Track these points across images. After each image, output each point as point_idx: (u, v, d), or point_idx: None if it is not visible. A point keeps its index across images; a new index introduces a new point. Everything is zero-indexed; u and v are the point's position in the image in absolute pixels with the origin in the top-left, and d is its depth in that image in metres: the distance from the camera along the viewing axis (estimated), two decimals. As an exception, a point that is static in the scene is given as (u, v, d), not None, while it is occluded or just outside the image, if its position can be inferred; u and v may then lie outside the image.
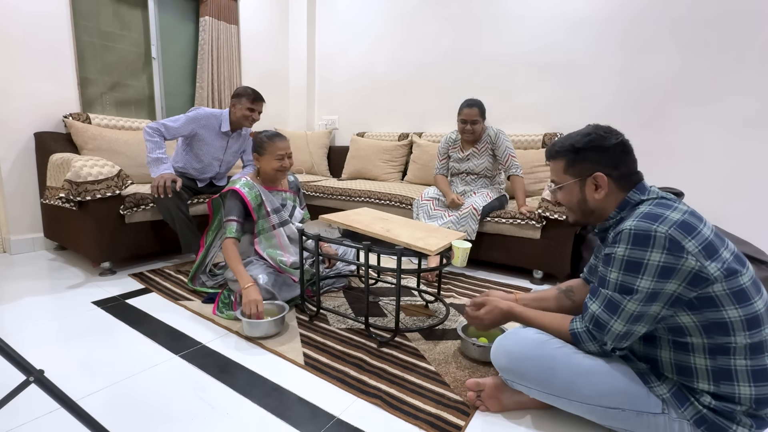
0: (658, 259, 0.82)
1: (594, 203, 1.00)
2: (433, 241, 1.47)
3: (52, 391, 0.72)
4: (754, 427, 0.84)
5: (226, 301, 1.71)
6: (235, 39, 3.51)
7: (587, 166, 0.98)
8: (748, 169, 2.27)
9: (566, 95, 2.78)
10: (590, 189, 0.99)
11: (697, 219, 0.86)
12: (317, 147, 3.73)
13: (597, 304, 0.91)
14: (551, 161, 1.06)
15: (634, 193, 0.96)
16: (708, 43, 2.30)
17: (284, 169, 1.77)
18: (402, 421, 1.06)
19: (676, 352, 0.90)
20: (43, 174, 2.33)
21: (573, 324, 0.97)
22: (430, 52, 3.34)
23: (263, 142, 1.74)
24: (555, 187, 1.07)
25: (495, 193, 2.37)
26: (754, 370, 0.82)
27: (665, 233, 0.82)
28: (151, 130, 2.08)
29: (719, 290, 0.81)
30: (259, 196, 1.74)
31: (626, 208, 0.96)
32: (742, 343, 0.82)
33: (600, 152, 0.96)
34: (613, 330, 0.89)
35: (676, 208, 0.87)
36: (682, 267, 0.81)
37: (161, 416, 1.06)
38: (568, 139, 1.01)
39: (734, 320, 0.81)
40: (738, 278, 0.82)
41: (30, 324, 1.53)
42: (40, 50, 2.42)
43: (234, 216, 1.70)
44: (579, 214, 1.05)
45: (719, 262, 0.81)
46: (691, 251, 0.81)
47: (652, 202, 0.92)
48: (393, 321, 1.62)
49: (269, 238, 1.77)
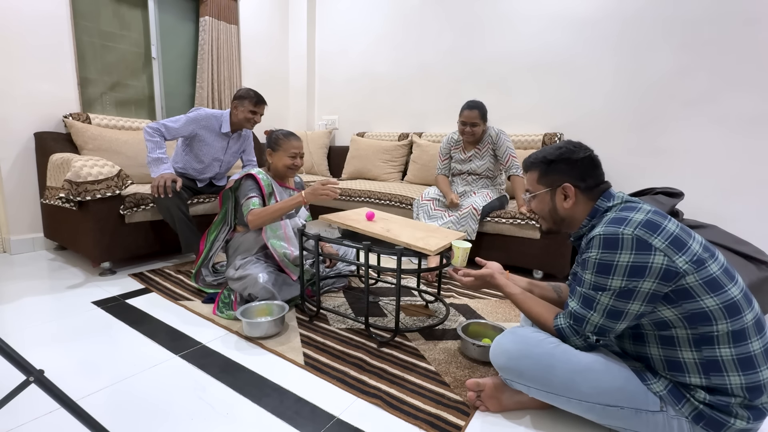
0: (627, 260, 0.87)
1: (563, 212, 1.07)
2: (433, 241, 1.47)
3: (52, 391, 0.72)
4: (752, 419, 0.85)
5: (226, 301, 1.71)
6: (235, 39, 3.51)
7: (557, 177, 1.06)
8: (747, 169, 2.27)
9: (566, 95, 2.78)
10: (560, 198, 1.07)
11: (660, 216, 0.92)
12: (317, 147, 3.73)
13: (575, 302, 0.98)
14: (527, 172, 1.14)
15: (602, 201, 1.03)
16: (707, 43, 2.30)
17: (295, 168, 1.81)
18: (402, 421, 1.06)
19: (663, 348, 0.92)
20: (43, 174, 2.33)
21: (557, 320, 1.02)
22: (430, 51, 3.34)
23: (279, 138, 1.78)
24: (529, 196, 1.14)
25: (495, 193, 2.37)
26: (740, 358, 0.85)
27: (632, 234, 0.88)
28: (151, 130, 2.08)
29: (692, 281, 0.85)
30: (271, 185, 1.79)
31: (596, 216, 1.03)
32: (724, 331, 0.85)
33: (569, 164, 1.04)
34: (591, 322, 0.94)
35: (640, 209, 0.93)
36: (652, 264, 0.85)
37: (161, 416, 1.06)
38: (542, 152, 1.10)
39: (713, 309, 0.85)
40: (707, 268, 0.86)
41: (30, 324, 1.53)
42: (40, 50, 2.42)
43: (254, 193, 1.74)
44: (551, 222, 1.12)
45: (689, 254, 0.86)
46: (658, 247, 0.86)
47: (617, 207, 0.99)
48: (393, 321, 1.62)
49: (275, 228, 1.78)
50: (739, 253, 1.70)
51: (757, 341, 0.85)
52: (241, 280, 1.65)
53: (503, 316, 1.74)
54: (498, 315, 1.75)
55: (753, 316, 0.86)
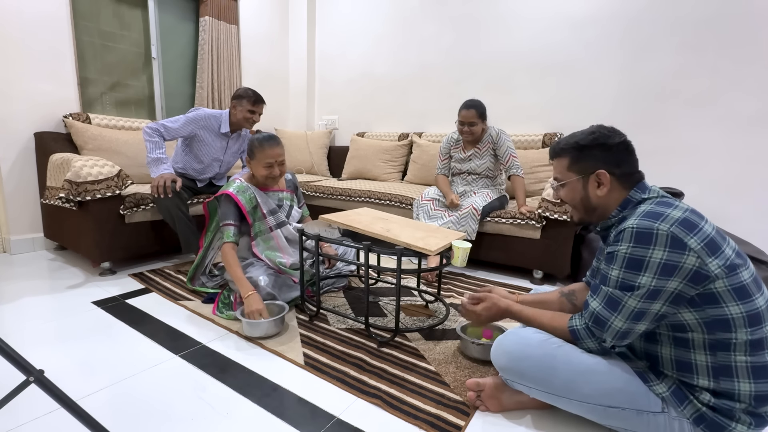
0: (660, 257, 0.82)
1: (596, 200, 1.01)
2: (433, 241, 1.47)
3: (52, 391, 0.72)
4: (753, 425, 0.84)
5: (226, 301, 1.71)
6: (235, 39, 3.51)
7: (590, 164, 1.00)
8: (748, 169, 2.27)
9: (566, 95, 2.78)
10: (593, 186, 1.00)
11: (698, 217, 0.87)
12: (317, 147, 3.73)
13: (598, 302, 0.92)
14: (555, 159, 1.07)
15: (636, 192, 0.97)
16: (708, 43, 2.30)
17: (274, 177, 1.72)
18: (402, 421, 1.06)
19: (676, 348, 0.90)
20: (43, 174, 2.33)
21: (572, 321, 0.98)
22: (431, 52, 3.34)
23: (254, 146, 1.70)
24: (558, 185, 1.07)
25: (495, 193, 2.37)
26: (754, 367, 0.82)
27: (667, 231, 0.83)
28: (150, 130, 2.08)
29: (721, 287, 0.82)
30: (253, 198, 1.73)
31: (628, 207, 0.97)
32: (742, 339, 0.82)
33: (604, 150, 0.98)
34: (614, 327, 0.89)
35: (678, 206, 0.88)
36: (684, 264, 0.81)
37: (161, 416, 1.06)
38: (572, 138, 1.03)
39: (736, 317, 0.82)
40: (739, 275, 0.82)
41: (30, 324, 1.53)
42: (41, 50, 2.42)
43: (230, 220, 1.68)
44: (582, 212, 1.06)
45: (722, 258, 0.82)
46: (693, 248, 0.81)
47: (653, 200, 0.93)
48: (393, 321, 1.62)
49: (267, 240, 1.77)
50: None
51: None
52: (241, 282, 1.65)
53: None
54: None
55: None
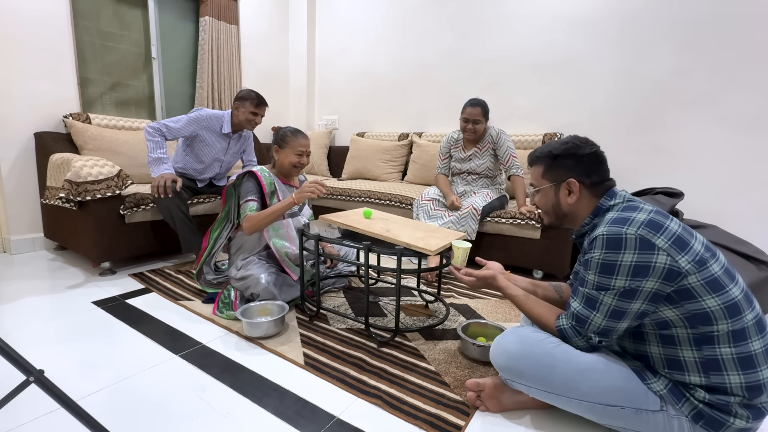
0: (631, 260, 0.87)
1: (567, 207, 1.07)
2: (433, 241, 1.47)
3: (52, 391, 0.72)
4: (751, 418, 0.85)
5: (226, 301, 1.71)
6: (235, 39, 3.51)
7: (562, 172, 1.06)
8: (747, 169, 2.27)
9: (566, 95, 2.78)
10: (564, 194, 1.07)
11: (663, 216, 0.91)
12: (317, 147, 3.73)
13: (578, 302, 0.98)
14: (532, 166, 1.14)
15: (605, 200, 1.03)
16: (707, 43, 2.30)
17: (301, 166, 1.80)
18: (402, 421, 1.06)
19: (664, 347, 0.92)
20: (43, 174, 2.33)
21: (559, 321, 1.02)
22: (430, 51, 3.34)
23: (286, 135, 1.77)
24: (533, 191, 1.15)
25: (495, 193, 2.37)
26: (740, 357, 0.85)
27: (635, 234, 0.88)
28: (152, 130, 2.08)
29: (694, 282, 0.85)
30: (273, 183, 1.78)
31: (599, 215, 1.02)
32: (724, 331, 0.85)
33: (575, 160, 1.04)
34: (594, 323, 0.94)
35: (642, 208, 0.93)
36: (655, 264, 0.85)
37: (161, 416, 1.06)
38: (547, 147, 1.09)
39: (714, 309, 0.85)
40: (709, 268, 0.86)
41: (30, 324, 1.53)
42: (40, 50, 2.42)
43: (252, 196, 1.72)
44: (553, 217, 1.13)
45: (691, 254, 0.86)
46: (661, 247, 0.86)
47: (619, 206, 0.99)
48: (393, 321, 1.62)
49: (277, 227, 1.77)
50: (739, 253, 1.70)
51: (758, 341, 0.85)
52: (243, 280, 1.66)
53: (503, 316, 1.74)
54: (498, 315, 1.75)
55: (753, 316, 0.86)
